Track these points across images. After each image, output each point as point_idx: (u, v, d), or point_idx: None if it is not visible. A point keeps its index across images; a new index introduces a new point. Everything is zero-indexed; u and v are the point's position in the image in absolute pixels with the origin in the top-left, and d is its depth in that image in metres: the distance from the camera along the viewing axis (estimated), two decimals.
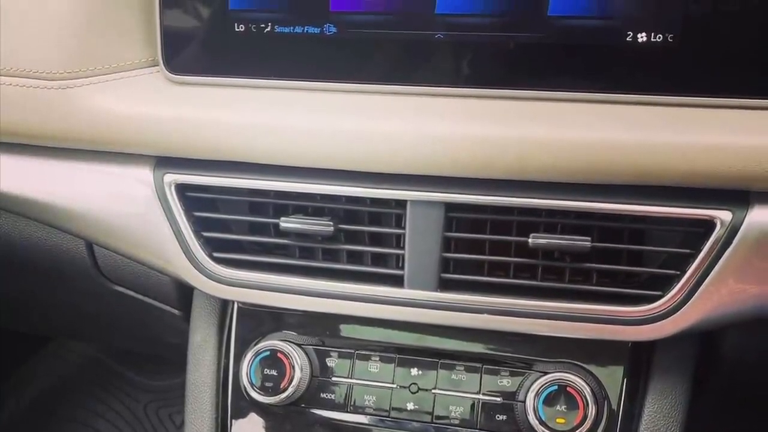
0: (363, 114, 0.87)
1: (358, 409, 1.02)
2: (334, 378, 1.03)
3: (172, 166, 0.97)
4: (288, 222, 0.95)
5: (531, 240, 0.88)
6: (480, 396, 0.99)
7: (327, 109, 0.88)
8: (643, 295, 0.88)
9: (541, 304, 0.90)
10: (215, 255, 0.99)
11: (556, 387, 0.94)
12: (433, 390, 1.00)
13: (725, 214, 0.83)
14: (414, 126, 0.85)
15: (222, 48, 0.91)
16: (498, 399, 0.98)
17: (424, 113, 0.85)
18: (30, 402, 1.98)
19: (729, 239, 0.83)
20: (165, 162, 0.97)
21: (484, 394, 0.99)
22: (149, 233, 0.99)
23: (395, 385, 1.01)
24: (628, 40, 0.81)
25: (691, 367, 1.00)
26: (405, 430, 1.01)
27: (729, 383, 1.15)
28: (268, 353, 1.02)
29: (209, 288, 1.00)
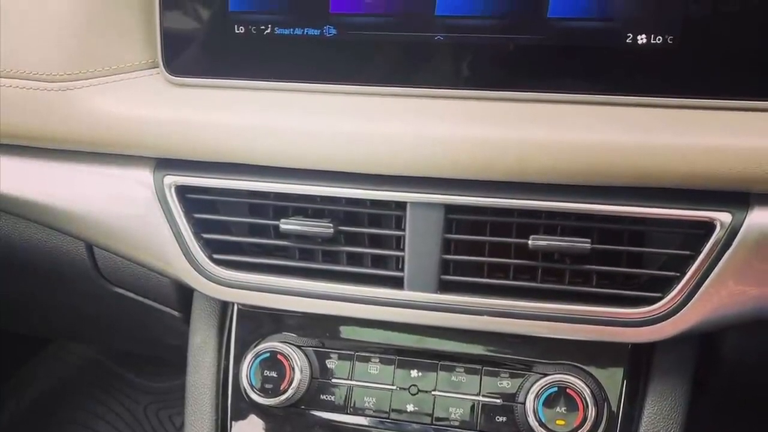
0: (363, 116, 0.87)
1: (357, 411, 1.02)
2: (333, 380, 1.03)
3: (172, 167, 0.97)
4: (288, 224, 0.95)
5: (531, 242, 0.88)
6: (480, 397, 0.99)
7: (327, 111, 0.88)
8: (643, 297, 0.88)
9: (541, 305, 0.90)
10: (215, 257, 0.99)
11: (555, 389, 0.94)
12: (433, 391, 1.00)
13: (725, 215, 0.83)
14: (414, 128, 0.85)
15: (222, 50, 0.92)
16: (498, 400, 0.98)
17: (424, 115, 0.85)
18: (30, 403, 1.98)
19: (729, 241, 0.83)
20: (165, 164, 0.97)
21: (483, 395, 0.99)
22: (149, 235, 0.99)
23: (395, 387, 1.01)
24: (627, 41, 0.81)
25: (691, 369, 1.00)
26: (405, 431, 1.01)
27: (729, 385, 1.15)
28: (268, 355, 1.02)
29: (209, 290, 1.00)
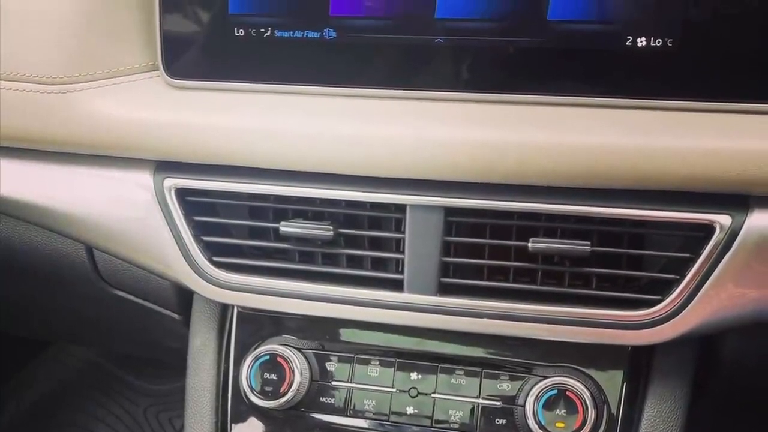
0: (363, 118, 0.87)
1: (357, 414, 1.02)
2: (333, 382, 1.03)
3: (172, 170, 0.97)
4: (288, 226, 0.95)
5: (531, 244, 0.88)
6: (479, 400, 0.99)
7: (327, 114, 0.88)
8: (643, 300, 0.88)
9: (541, 308, 0.90)
10: (215, 259, 0.98)
11: (555, 391, 0.94)
12: (433, 394, 1.00)
13: (725, 218, 0.83)
14: (414, 130, 0.85)
15: (222, 52, 0.92)
16: (497, 403, 0.98)
17: (423, 118, 0.85)
18: (30, 406, 1.98)
19: (728, 243, 0.83)
20: (165, 166, 0.97)
21: (483, 398, 0.99)
22: (149, 237, 0.99)
23: (395, 390, 1.01)
24: (627, 44, 0.81)
25: (691, 371, 1.00)
26: None
27: (728, 387, 1.15)
28: (267, 357, 1.02)
29: (209, 292, 1.00)
